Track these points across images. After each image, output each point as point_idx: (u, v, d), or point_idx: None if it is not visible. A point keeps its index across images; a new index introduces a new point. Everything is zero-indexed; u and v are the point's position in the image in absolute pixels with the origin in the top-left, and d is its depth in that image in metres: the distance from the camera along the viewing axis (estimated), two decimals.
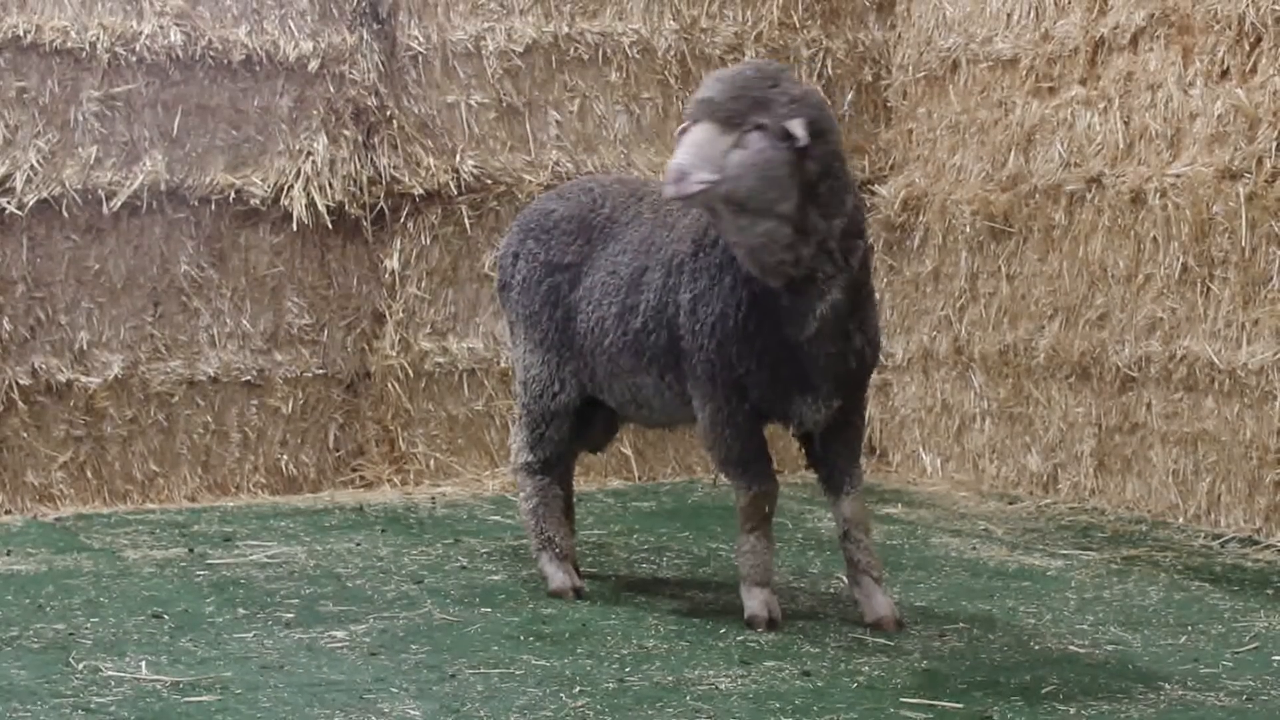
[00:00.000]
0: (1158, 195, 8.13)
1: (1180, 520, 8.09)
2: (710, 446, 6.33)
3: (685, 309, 6.19)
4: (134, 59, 8.80)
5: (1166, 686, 5.43)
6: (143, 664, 5.65)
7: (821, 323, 5.94)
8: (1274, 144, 7.55)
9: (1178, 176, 8.02)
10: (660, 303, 6.31)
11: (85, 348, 8.80)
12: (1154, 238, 8.20)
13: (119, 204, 8.79)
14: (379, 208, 9.28)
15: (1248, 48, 7.75)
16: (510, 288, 6.89)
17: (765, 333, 6.01)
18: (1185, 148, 8.07)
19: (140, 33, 8.79)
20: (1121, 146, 8.42)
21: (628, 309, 6.41)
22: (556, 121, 9.64)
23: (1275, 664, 5.72)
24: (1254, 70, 7.72)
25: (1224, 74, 7.87)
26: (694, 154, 5.68)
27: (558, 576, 6.72)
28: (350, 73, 9.21)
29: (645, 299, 6.36)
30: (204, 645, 5.92)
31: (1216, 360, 7.87)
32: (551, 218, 6.80)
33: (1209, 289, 7.93)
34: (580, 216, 6.73)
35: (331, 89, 9.19)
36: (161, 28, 8.84)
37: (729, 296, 6.05)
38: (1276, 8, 7.56)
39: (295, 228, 9.10)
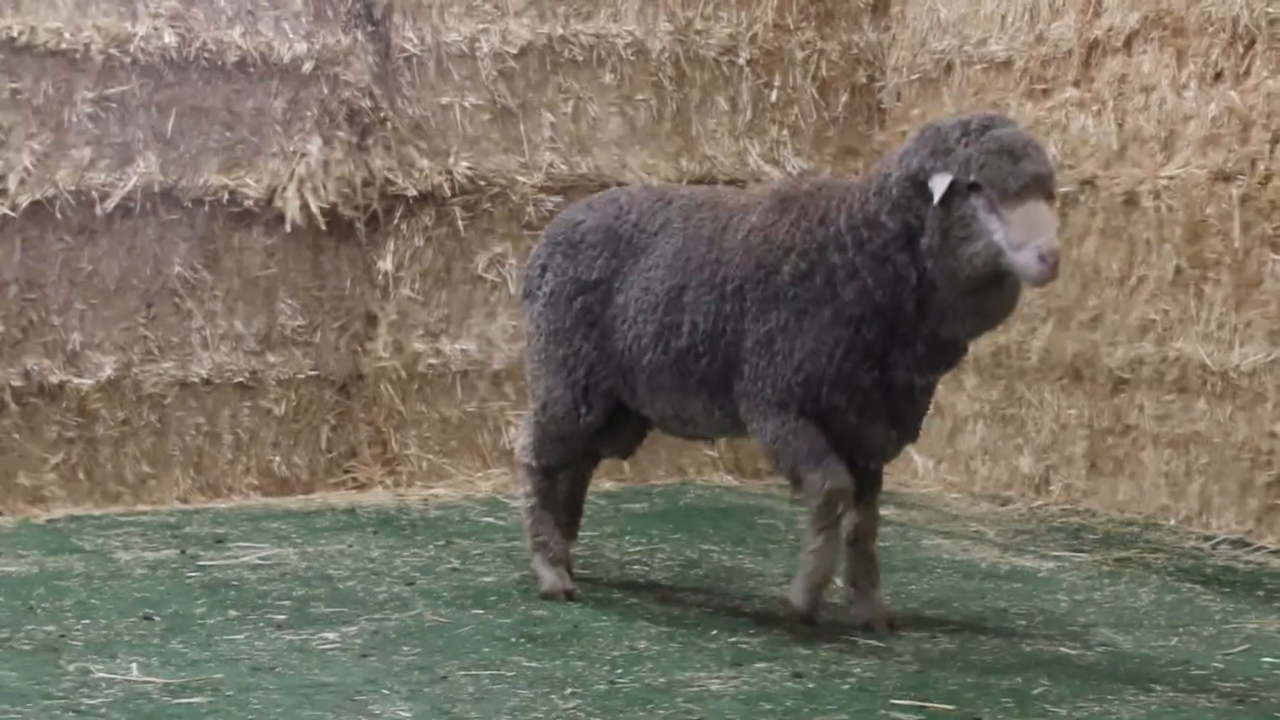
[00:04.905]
0: (1151, 197, 8.14)
1: (1172, 522, 8.10)
2: (777, 456, 6.10)
3: (757, 338, 6.02)
4: (128, 60, 8.78)
5: (1157, 688, 5.43)
6: (134, 665, 5.64)
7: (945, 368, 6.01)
8: (1267, 146, 7.57)
9: (1171, 179, 8.03)
10: (715, 329, 6.12)
11: (78, 349, 8.78)
12: (1147, 240, 8.21)
13: (112, 205, 8.77)
14: (372, 209, 9.28)
15: (1241, 50, 7.76)
16: (535, 299, 6.76)
17: (863, 373, 5.89)
18: (1179, 150, 8.08)
19: (134, 34, 8.78)
20: (1115, 148, 8.43)
21: (667, 328, 6.25)
22: (551, 123, 9.64)
23: (1266, 666, 5.72)
24: (1247, 73, 7.73)
25: (1218, 76, 7.88)
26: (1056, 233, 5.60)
27: (549, 578, 6.72)
28: (344, 74, 9.21)
29: (692, 321, 6.18)
30: (195, 647, 5.91)
31: (1209, 362, 7.87)
32: (579, 230, 6.66)
33: (1202, 291, 7.94)
34: (607, 227, 6.57)
35: (325, 90, 9.18)
36: (155, 29, 8.83)
37: (824, 334, 5.88)
38: (1270, 10, 7.57)
39: (289, 229, 9.09)
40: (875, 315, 5.83)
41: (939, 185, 5.58)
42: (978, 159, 5.57)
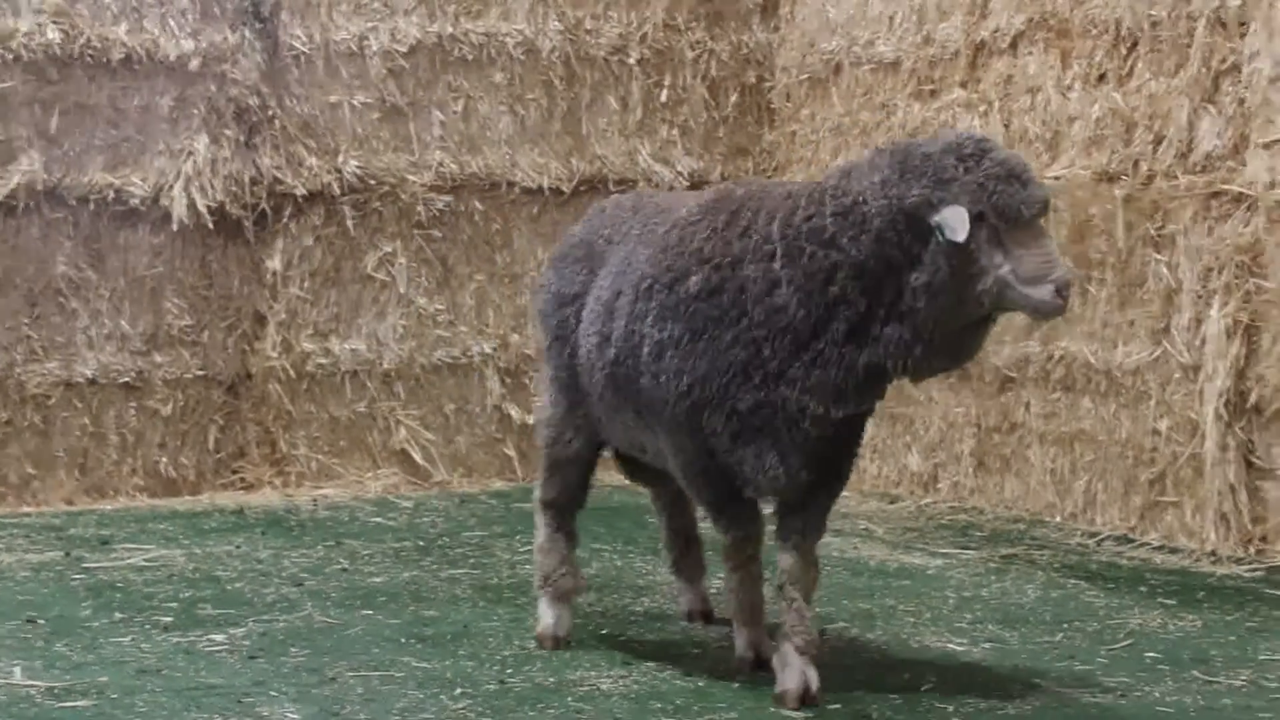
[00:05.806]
0: None
1: (1057, 519, 8.19)
2: (686, 490, 5.73)
3: (649, 346, 5.45)
4: (10, 57, 8.68)
5: (1043, 684, 5.48)
6: (17, 669, 5.57)
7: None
8: (1150, 147, 7.66)
9: (1056, 179, 8.10)
10: (628, 330, 5.55)
11: None
12: None
13: None
14: (261, 208, 9.22)
15: (1124, 52, 7.85)
16: (538, 316, 6.33)
17: (746, 394, 5.27)
18: (1064, 150, 8.17)
19: (17, 30, 8.68)
20: None
21: (604, 338, 5.71)
22: (440, 122, 9.62)
23: (1149, 661, 5.79)
24: (1130, 74, 7.82)
25: (1101, 78, 7.97)
26: None
27: (546, 619, 6.10)
28: (232, 72, 9.14)
29: (616, 326, 5.61)
30: (80, 650, 5.85)
31: (1093, 361, 7.97)
32: (568, 243, 6.21)
33: (1087, 290, 8.02)
34: (588, 241, 6.08)
35: (213, 88, 9.11)
36: (39, 26, 8.73)
37: (720, 358, 5.28)
38: (1152, 13, 7.67)
39: (175, 228, 9.01)
40: (782, 333, 5.18)
41: (959, 220, 4.85)
42: (988, 187, 4.89)
